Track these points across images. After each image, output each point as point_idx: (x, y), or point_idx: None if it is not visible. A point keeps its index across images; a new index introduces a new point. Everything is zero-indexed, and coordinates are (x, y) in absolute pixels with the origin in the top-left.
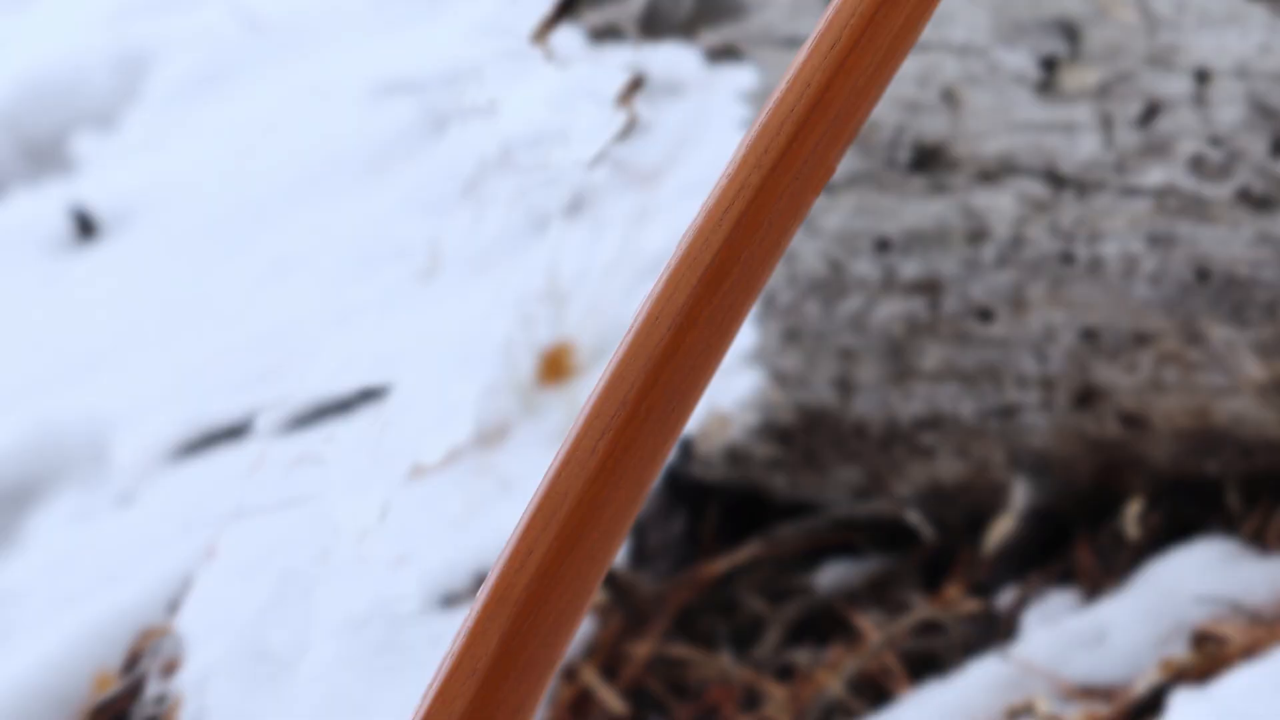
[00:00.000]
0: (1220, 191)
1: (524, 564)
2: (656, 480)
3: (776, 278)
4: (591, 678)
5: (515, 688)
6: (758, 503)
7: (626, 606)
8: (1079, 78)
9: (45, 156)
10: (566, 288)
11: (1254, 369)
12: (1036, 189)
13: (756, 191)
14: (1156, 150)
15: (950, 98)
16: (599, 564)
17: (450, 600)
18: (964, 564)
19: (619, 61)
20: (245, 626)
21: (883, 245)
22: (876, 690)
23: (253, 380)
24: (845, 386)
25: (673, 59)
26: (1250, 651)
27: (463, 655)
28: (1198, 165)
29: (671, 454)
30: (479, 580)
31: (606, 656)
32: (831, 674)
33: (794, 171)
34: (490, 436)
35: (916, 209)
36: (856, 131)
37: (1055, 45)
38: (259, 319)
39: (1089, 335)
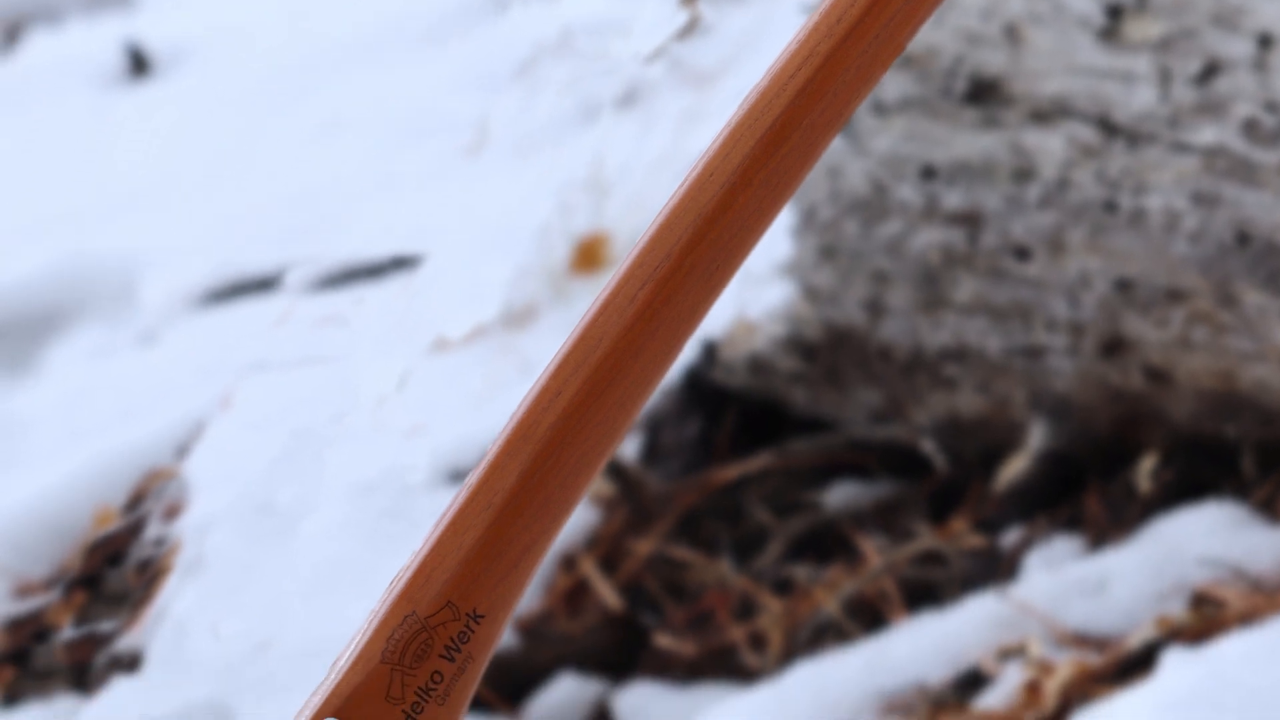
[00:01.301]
0: (1270, 157)
1: (551, 404)
2: (678, 371)
3: (818, 193)
4: (590, 569)
5: (529, 525)
6: (775, 415)
7: (633, 502)
8: (1142, 28)
9: None
10: (609, 179)
11: None
12: (1088, 134)
13: (825, 59)
14: (1211, 109)
15: (1012, 34)
16: (627, 412)
17: (460, 475)
18: (973, 499)
19: None
20: (253, 479)
21: (928, 173)
22: (872, 614)
23: (287, 236)
24: (875, 309)
25: None
26: (1248, 618)
27: (480, 488)
28: (1251, 129)
29: (694, 356)
30: None
31: (607, 550)
32: (829, 593)
33: (864, 44)
34: (517, 318)
35: (966, 140)
36: (930, 12)
37: None
38: (301, 176)
39: (1123, 286)
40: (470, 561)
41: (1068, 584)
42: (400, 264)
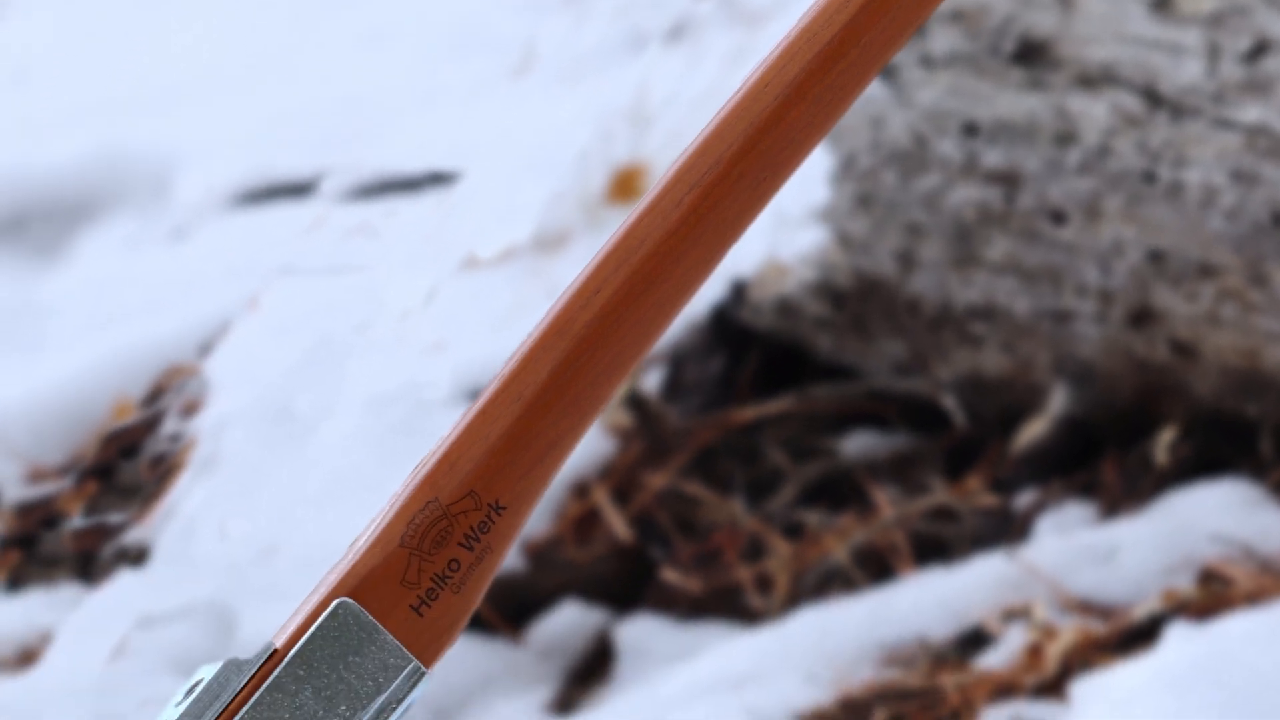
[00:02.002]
0: None
1: (589, 301)
2: (704, 308)
3: (859, 141)
4: (602, 499)
5: (556, 421)
6: (798, 359)
7: (650, 435)
8: (1194, 2)
9: None
10: (652, 112)
11: None
12: (1132, 104)
13: None
14: (1257, 88)
15: None
16: (665, 316)
17: (479, 395)
18: (990, 458)
19: None
20: (272, 383)
21: (970, 130)
22: (880, 565)
23: (326, 142)
24: (907, 261)
25: None
26: (1254, 598)
27: (510, 380)
28: None
29: (722, 293)
30: None
31: (621, 481)
32: (839, 541)
33: None
34: (549, 243)
35: (1010, 100)
36: None
37: None
38: (344, 84)
39: (1156, 257)
40: (496, 452)
41: (1077, 550)
42: (436, 179)
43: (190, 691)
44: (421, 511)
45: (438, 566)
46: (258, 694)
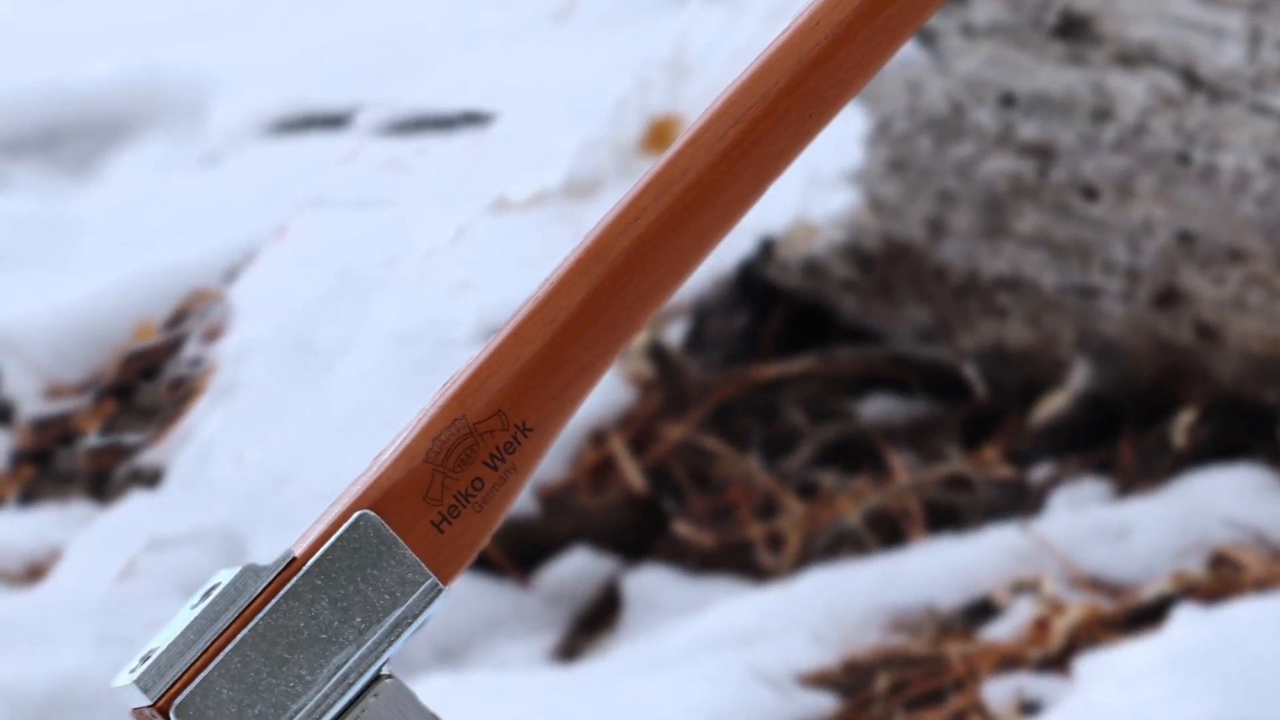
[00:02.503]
0: None
1: (628, 228)
2: (732, 263)
3: (896, 105)
4: (619, 448)
5: (589, 346)
6: (822, 319)
7: (670, 387)
8: None
9: None
10: (691, 63)
11: None
12: (1171, 84)
13: None
14: None
15: None
16: (702, 248)
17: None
18: (1008, 430)
19: None
20: (296, 313)
21: (1008, 100)
22: (892, 530)
23: (363, 76)
24: (937, 228)
25: None
26: (1264, 584)
27: (545, 302)
28: None
29: (750, 249)
30: None
31: (638, 431)
32: (853, 503)
33: None
34: (580, 189)
35: (1049, 74)
36: None
37: None
38: (385, 18)
39: (1185, 239)
40: (526, 374)
41: (1090, 527)
42: (472, 119)
43: (207, 594)
44: (448, 429)
45: (461, 484)
46: (274, 601)
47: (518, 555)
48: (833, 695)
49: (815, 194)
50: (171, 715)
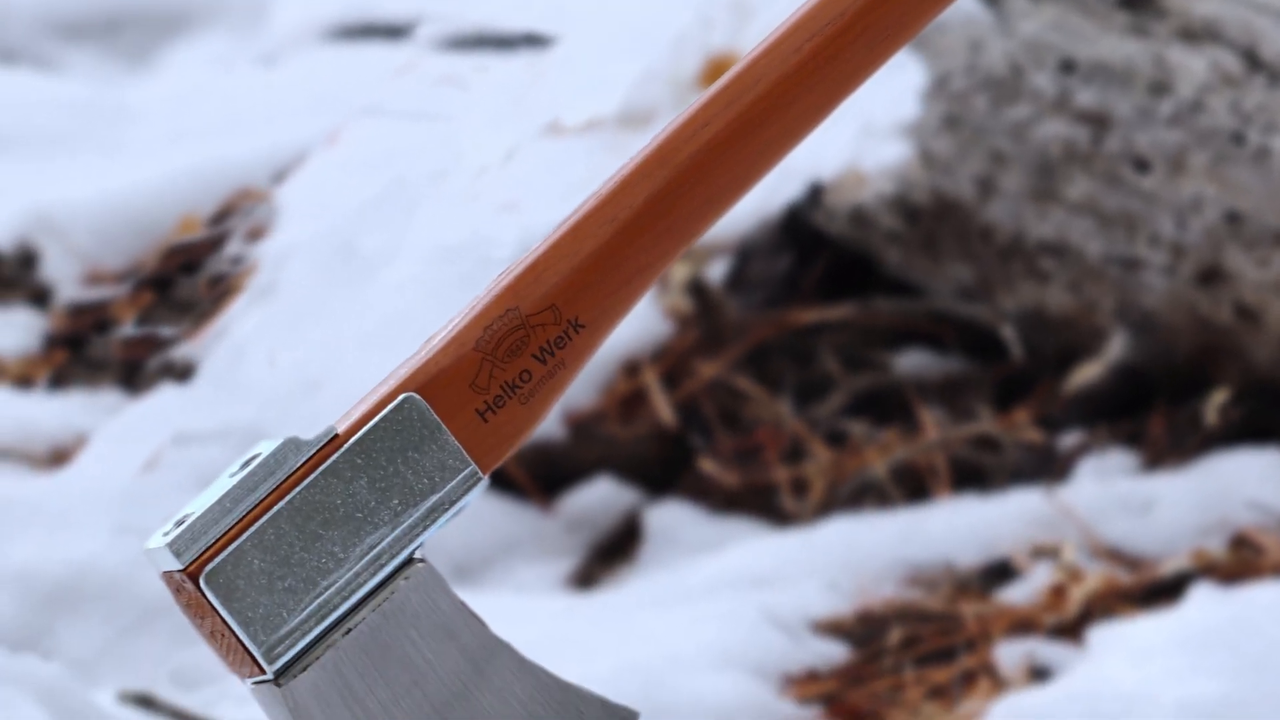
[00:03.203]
0: None
1: (696, 134)
2: (778, 205)
3: (955, 62)
4: (651, 380)
5: (647, 248)
6: (864, 269)
7: (708, 324)
8: None
9: None
10: (754, 3)
11: None
12: (1231, 63)
13: None
14: None
15: None
16: (767, 160)
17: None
18: (1040, 394)
19: None
20: (341, 219)
21: (1068, 66)
22: (916, 485)
23: None
24: (986, 187)
25: None
26: None
27: (606, 202)
28: None
29: (798, 193)
30: None
31: (672, 366)
32: (880, 455)
33: None
34: (634, 120)
35: (1111, 43)
36: None
37: None
38: None
39: (1233, 218)
40: (583, 270)
41: (1114, 498)
42: (532, 41)
43: (246, 464)
44: (500, 318)
45: (509, 375)
46: (313, 475)
47: (541, 479)
48: (844, 644)
49: (868, 144)
50: (201, 582)
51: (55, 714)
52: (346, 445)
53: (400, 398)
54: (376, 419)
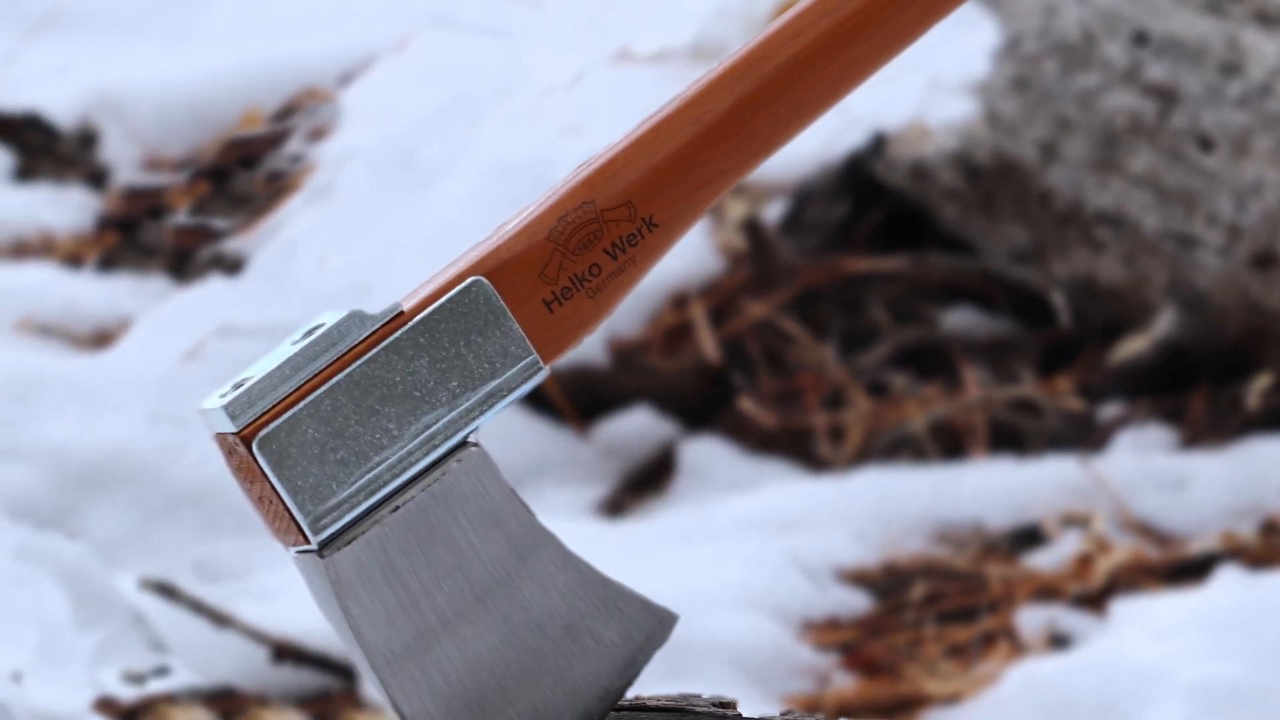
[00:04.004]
0: None
1: (787, 44)
2: (839, 152)
3: (1029, 24)
4: (698, 315)
5: (728, 154)
6: (920, 223)
7: (760, 264)
8: None
9: None
10: None
11: None
12: None
13: None
14: None
15: None
16: (855, 76)
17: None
18: (1084, 363)
19: None
20: (403, 127)
21: (1140, 39)
22: (953, 442)
23: None
24: (1049, 152)
25: None
26: None
27: (692, 103)
28: None
29: (860, 142)
30: None
31: (721, 302)
32: (919, 409)
33: None
34: (704, 53)
35: (1187, 20)
36: None
37: None
38: None
39: None
40: (662, 170)
41: (1149, 473)
42: None
43: (309, 333)
44: (576, 210)
45: (579, 267)
46: (374, 350)
47: (580, 404)
48: (868, 595)
49: (935, 98)
50: (254, 446)
51: (75, 594)
52: (411, 323)
53: (468, 281)
54: (443, 300)
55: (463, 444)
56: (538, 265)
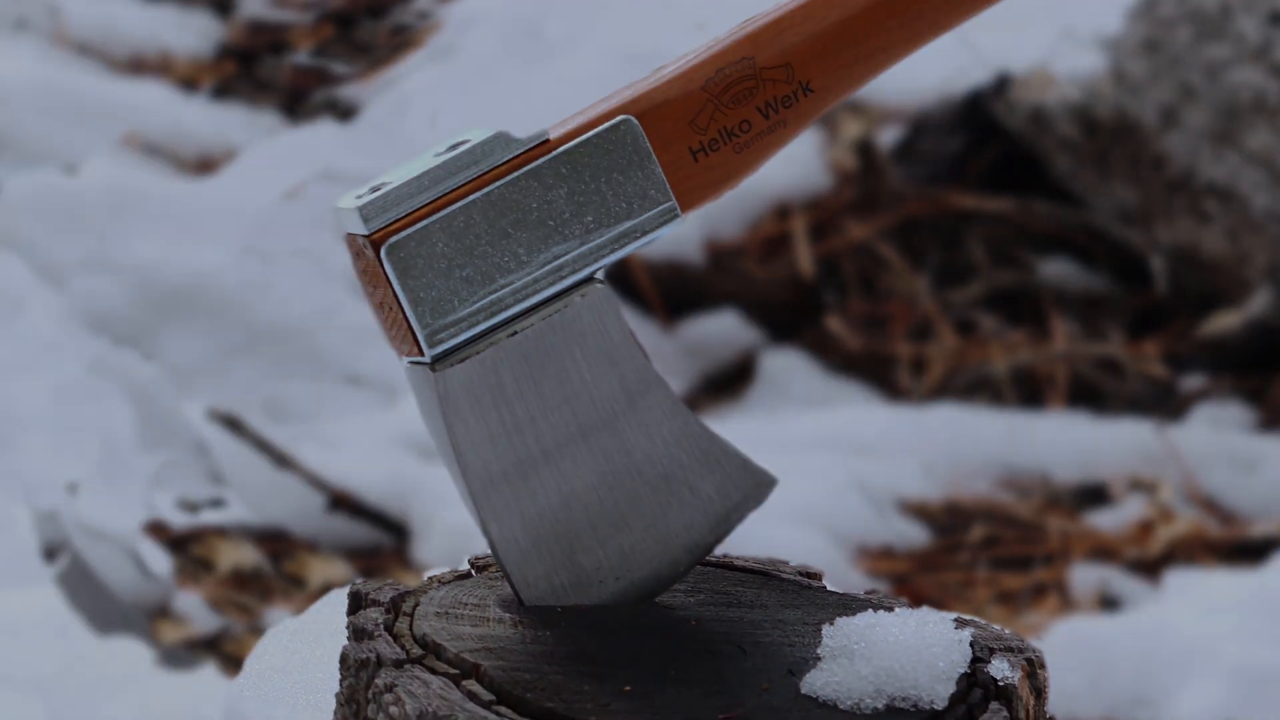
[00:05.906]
0: None
1: None
2: (961, 87)
3: None
4: (799, 228)
5: (896, 27)
6: (1032, 169)
7: (868, 187)
8: None
9: None
10: None
11: None
12: None
13: None
14: None
15: None
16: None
17: None
18: (1174, 331)
19: None
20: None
21: (1277, 19)
22: (1032, 391)
23: None
24: (1170, 118)
25: None
26: None
27: None
28: None
29: (984, 80)
30: None
31: (823, 219)
32: (1004, 353)
33: None
34: None
35: None
36: None
37: None
38: None
39: None
40: (826, 35)
41: (1223, 449)
42: None
43: (454, 147)
44: (735, 65)
45: (729, 121)
46: (516, 174)
47: (669, 298)
48: (926, 529)
49: (1064, 48)
50: (383, 251)
51: (143, 415)
52: (555, 152)
53: (618, 119)
54: (590, 134)
55: (589, 280)
56: (689, 113)
